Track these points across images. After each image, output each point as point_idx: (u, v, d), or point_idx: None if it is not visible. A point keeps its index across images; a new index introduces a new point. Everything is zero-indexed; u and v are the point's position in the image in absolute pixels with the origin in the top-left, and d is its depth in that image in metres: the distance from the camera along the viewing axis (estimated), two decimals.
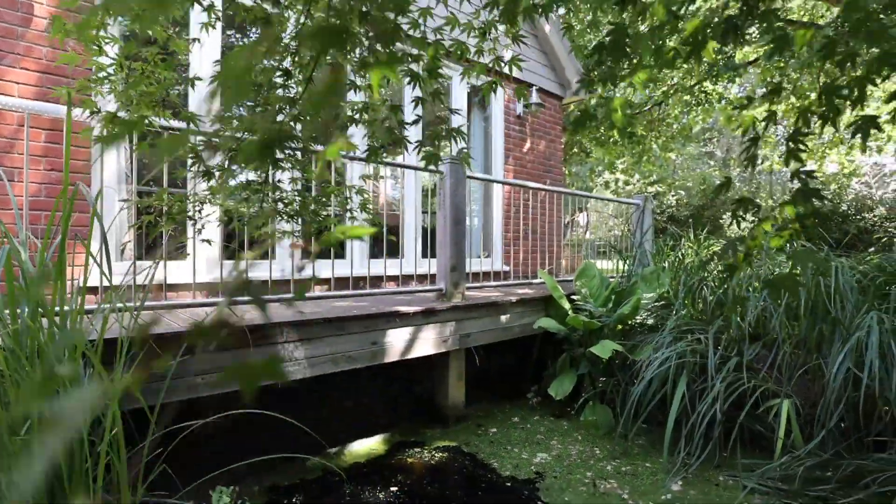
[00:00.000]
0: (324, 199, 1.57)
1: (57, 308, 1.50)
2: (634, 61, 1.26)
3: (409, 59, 1.14)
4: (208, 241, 1.48)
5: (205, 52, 3.50)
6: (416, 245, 4.47)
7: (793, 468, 2.61)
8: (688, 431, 2.87)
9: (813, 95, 9.27)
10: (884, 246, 8.09)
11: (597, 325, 3.63)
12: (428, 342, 3.13)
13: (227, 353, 2.28)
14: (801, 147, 1.14)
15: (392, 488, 2.53)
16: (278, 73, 1.23)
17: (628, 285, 4.10)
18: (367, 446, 3.06)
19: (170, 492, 1.90)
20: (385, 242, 3.50)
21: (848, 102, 1.04)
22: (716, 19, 1.25)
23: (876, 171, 12.83)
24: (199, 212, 1.46)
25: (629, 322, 3.82)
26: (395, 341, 2.95)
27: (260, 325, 2.36)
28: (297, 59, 1.27)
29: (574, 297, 4.10)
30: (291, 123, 1.29)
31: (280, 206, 1.46)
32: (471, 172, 3.79)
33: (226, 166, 1.25)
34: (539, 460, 2.90)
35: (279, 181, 1.46)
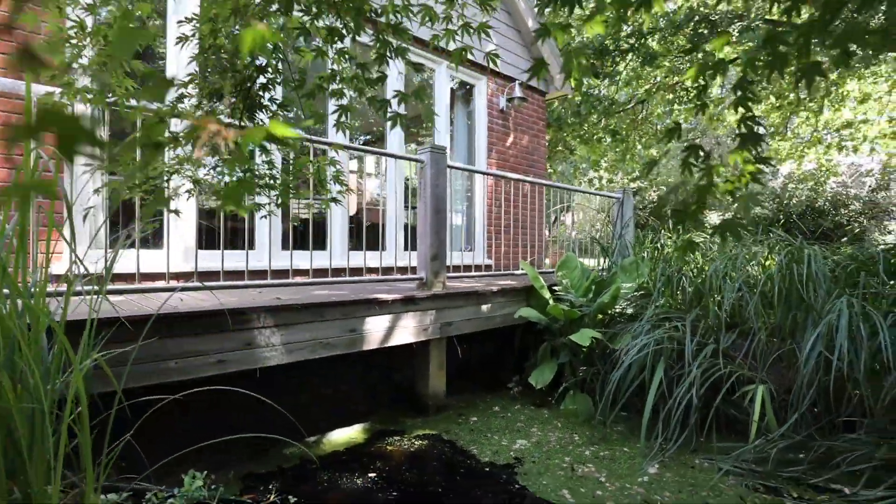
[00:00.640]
0: (295, 170, 1.56)
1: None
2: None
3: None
4: (176, 212, 1.45)
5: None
6: (397, 237, 4.45)
7: (766, 450, 2.66)
8: (665, 416, 2.90)
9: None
10: (856, 237, 8.32)
11: (577, 314, 3.65)
12: (408, 330, 3.12)
13: (201, 337, 2.25)
14: (749, 95, 1.16)
15: (370, 475, 2.51)
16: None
17: (609, 276, 4.13)
18: (347, 435, 3.03)
19: (140, 475, 1.87)
20: (364, 234, 3.48)
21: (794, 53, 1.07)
22: None
23: (853, 171, 13.12)
24: (167, 181, 1.43)
25: (609, 311, 3.85)
26: (375, 329, 2.93)
27: (236, 310, 2.33)
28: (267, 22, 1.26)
29: (555, 287, 4.12)
30: (260, 93, 1.28)
31: (248, 175, 1.44)
32: (451, 162, 3.79)
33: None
34: (518, 446, 2.90)
35: (250, 150, 1.44)
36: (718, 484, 2.46)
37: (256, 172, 1.47)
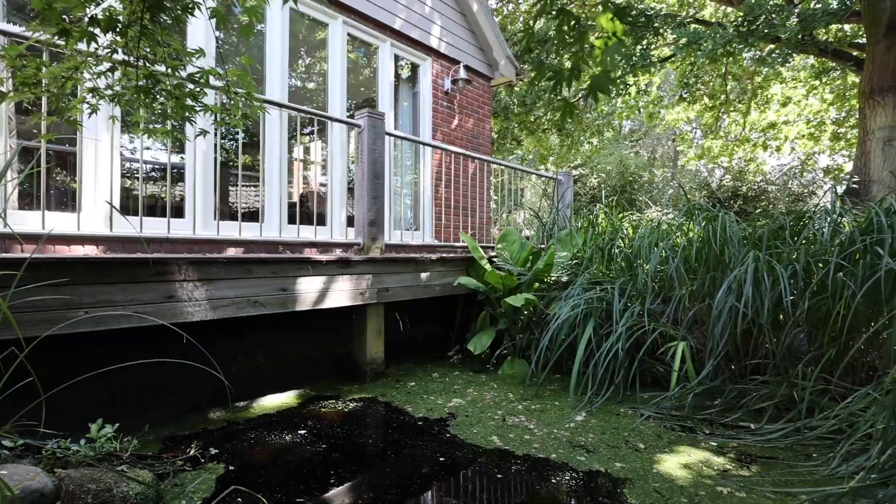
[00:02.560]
0: (203, 80, 1.50)
1: None
2: None
3: None
4: (77, 124, 1.36)
5: None
6: (334, 210, 4.39)
7: (685, 397, 2.82)
8: (594, 369, 3.02)
9: None
10: (766, 211, 9.11)
11: (515, 281, 3.73)
12: (343, 293, 3.09)
13: (116, 286, 2.14)
14: None
15: (300, 432, 2.47)
16: None
17: (546, 246, 4.25)
18: (279, 400, 2.97)
19: (53, 434, 1.75)
20: (299, 210, 3.41)
21: None
22: None
23: (779, 171, 14.14)
24: (63, 86, 1.33)
25: (545, 279, 3.96)
26: (307, 289, 2.88)
27: (156, 259, 2.23)
28: None
29: (495, 258, 4.20)
30: None
31: (147, 82, 1.37)
32: (391, 129, 3.78)
33: (86, 28, 1.16)
34: (453, 404, 2.94)
35: (148, 52, 1.36)
36: (639, 427, 2.59)
37: (157, 76, 1.40)
